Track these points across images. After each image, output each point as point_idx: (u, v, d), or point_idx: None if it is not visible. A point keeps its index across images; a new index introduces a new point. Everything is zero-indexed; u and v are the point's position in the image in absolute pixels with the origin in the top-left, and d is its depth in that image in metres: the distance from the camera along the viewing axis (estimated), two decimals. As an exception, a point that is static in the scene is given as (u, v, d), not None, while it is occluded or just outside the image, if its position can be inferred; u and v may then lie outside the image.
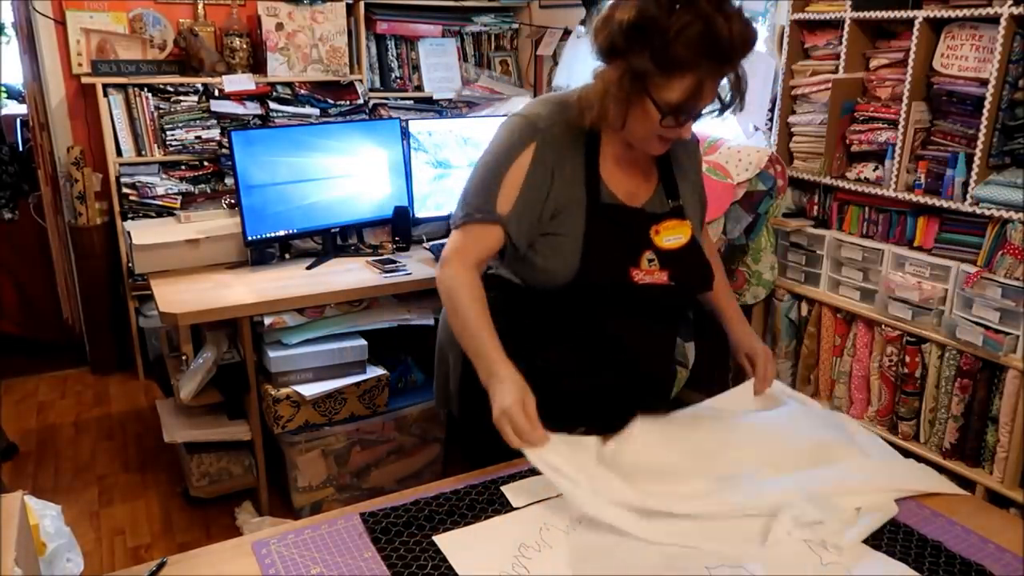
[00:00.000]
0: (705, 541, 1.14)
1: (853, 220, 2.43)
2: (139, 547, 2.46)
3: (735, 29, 1.18)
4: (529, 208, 1.35)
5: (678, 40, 1.16)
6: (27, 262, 3.87)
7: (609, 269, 1.36)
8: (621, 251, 1.37)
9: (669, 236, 1.40)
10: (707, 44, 1.17)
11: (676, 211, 1.43)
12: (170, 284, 2.49)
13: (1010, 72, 1.97)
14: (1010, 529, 1.19)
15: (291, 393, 2.40)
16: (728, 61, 1.21)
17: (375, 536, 1.14)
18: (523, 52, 4.13)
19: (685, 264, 1.41)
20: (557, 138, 1.35)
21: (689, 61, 1.18)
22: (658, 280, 1.38)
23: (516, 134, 1.36)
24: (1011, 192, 1.97)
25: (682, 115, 1.25)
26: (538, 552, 1.12)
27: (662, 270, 1.38)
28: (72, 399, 3.45)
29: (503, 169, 1.34)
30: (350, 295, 2.49)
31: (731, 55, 1.20)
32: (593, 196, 1.37)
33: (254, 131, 2.98)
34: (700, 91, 1.22)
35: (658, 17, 1.17)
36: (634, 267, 1.37)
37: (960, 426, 2.14)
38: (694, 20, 1.16)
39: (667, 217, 1.41)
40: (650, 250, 1.38)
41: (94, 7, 3.40)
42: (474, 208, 1.36)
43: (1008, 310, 2.00)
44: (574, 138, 1.36)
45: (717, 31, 1.16)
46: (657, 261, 1.38)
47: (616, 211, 1.38)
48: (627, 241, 1.38)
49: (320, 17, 3.62)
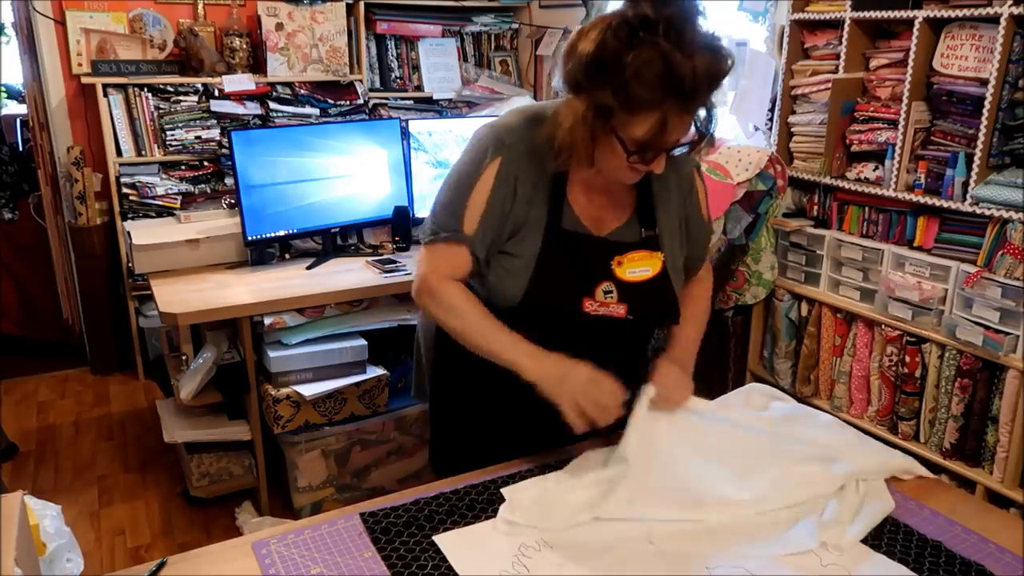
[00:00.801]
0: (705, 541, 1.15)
1: (853, 220, 2.43)
2: (139, 547, 2.46)
3: (698, 65, 1.11)
4: (492, 226, 1.31)
5: (637, 79, 1.11)
6: (27, 262, 3.88)
7: (558, 296, 1.31)
8: (574, 280, 1.32)
9: (634, 268, 1.33)
10: (667, 83, 1.11)
11: (648, 241, 1.35)
12: (170, 284, 2.49)
13: (1010, 72, 1.97)
14: (1010, 529, 1.19)
15: (291, 393, 2.40)
16: (691, 98, 1.15)
17: (375, 536, 1.14)
18: (523, 52, 4.14)
19: (648, 298, 1.34)
20: (523, 155, 1.30)
21: (650, 100, 1.12)
22: (614, 312, 1.32)
23: (482, 147, 1.32)
24: (1011, 192, 1.97)
25: (648, 152, 1.19)
26: (538, 552, 1.12)
27: (620, 302, 1.32)
28: (72, 399, 3.45)
29: (468, 186, 1.31)
30: (350, 295, 2.49)
31: (694, 93, 1.13)
32: (554, 219, 1.31)
33: (254, 131, 2.98)
34: (665, 128, 1.15)
35: (618, 53, 1.11)
36: (588, 297, 1.31)
37: (960, 426, 2.14)
38: (652, 59, 1.10)
39: (635, 248, 1.34)
40: (608, 281, 1.32)
41: (94, 7, 3.40)
42: (440, 226, 1.33)
43: (1008, 310, 2.00)
44: (541, 156, 1.29)
45: (677, 69, 1.10)
46: (615, 293, 1.32)
47: (575, 238, 1.32)
48: (583, 270, 1.32)
49: (320, 17, 3.62)
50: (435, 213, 1.36)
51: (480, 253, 1.32)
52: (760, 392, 1.48)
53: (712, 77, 1.15)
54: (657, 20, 1.10)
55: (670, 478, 1.24)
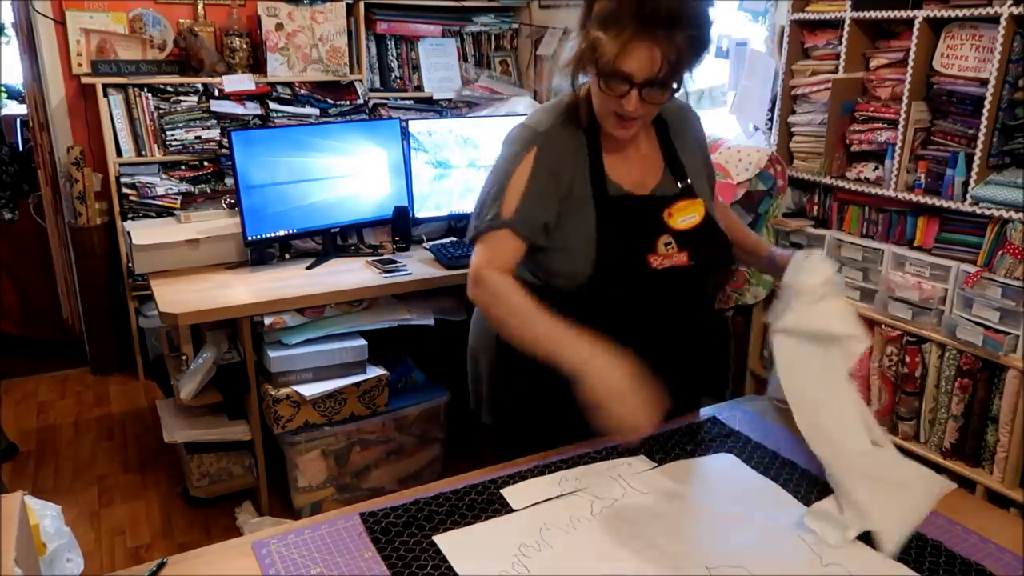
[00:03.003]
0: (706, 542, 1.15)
1: (853, 220, 2.43)
2: (139, 547, 2.46)
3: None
4: (537, 208, 1.36)
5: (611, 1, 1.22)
6: (27, 262, 3.88)
7: (625, 260, 1.36)
8: (635, 240, 1.37)
9: (683, 217, 1.40)
10: (633, 5, 1.20)
11: (686, 191, 1.44)
12: (170, 284, 2.49)
13: (1010, 72, 1.97)
14: (1010, 529, 1.19)
15: (291, 393, 2.40)
16: (652, 24, 1.20)
17: (375, 536, 1.14)
18: (523, 52, 4.13)
19: (704, 242, 1.41)
20: (557, 140, 1.37)
21: (617, 20, 1.21)
22: (678, 262, 1.38)
23: (518, 142, 1.39)
24: (1011, 192, 1.97)
25: (614, 80, 1.25)
26: (538, 552, 1.12)
27: (680, 251, 1.38)
28: (72, 399, 3.45)
29: (507, 177, 1.37)
30: (350, 295, 2.49)
31: (654, 18, 1.20)
32: (600, 191, 1.38)
33: (254, 131, 2.98)
34: (626, 51, 1.22)
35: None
36: (651, 253, 1.37)
37: (960, 426, 2.14)
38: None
39: (678, 199, 1.42)
40: (666, 234, 1.38)
41: (94, 7, 3.40)
42: (482, 219, 1.38)
43: (1008, 310, 2.00)
44: (574, 137, 1.39)
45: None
46: (675, 244, 1.38)
47: (625, 202, 1.40)
48: (640, 229, 1.38)
49: (320, 17, 3.62)
50: (476, 213, 1.40)
51: (526, 233, 1.35)
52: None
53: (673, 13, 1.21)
54: None
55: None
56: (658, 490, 1.27)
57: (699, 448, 1.41)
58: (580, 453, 1.36)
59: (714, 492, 1.27)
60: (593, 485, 1.28)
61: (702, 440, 1.44)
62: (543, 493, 1.25)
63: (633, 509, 1.22)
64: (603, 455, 1.36)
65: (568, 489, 1.26)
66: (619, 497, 1.25)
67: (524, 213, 1.35)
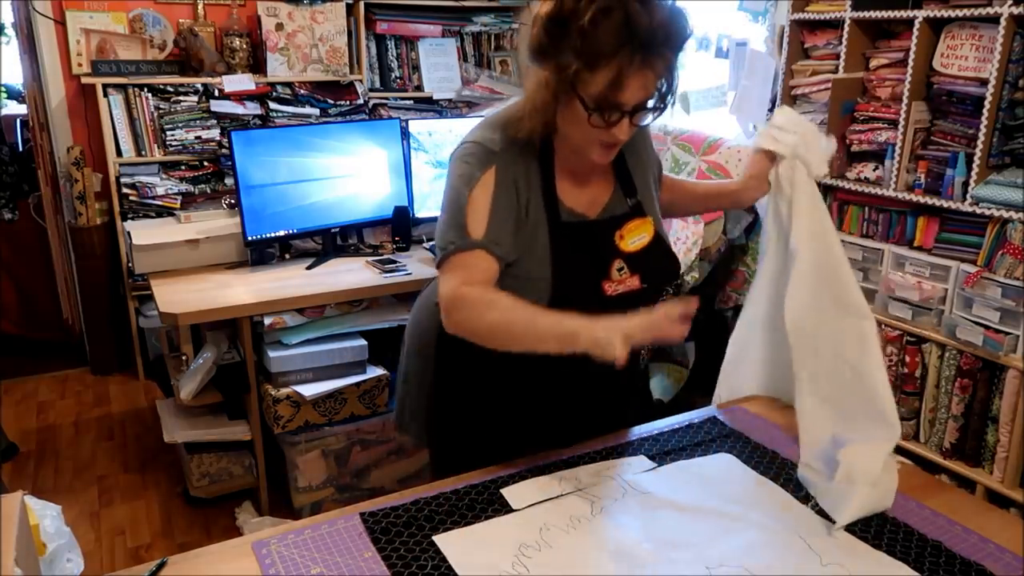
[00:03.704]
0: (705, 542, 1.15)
1: (853, 220, 2.43)
2: (139, 547, 2.46)
3: (656, 18, 1.13)
4: (507, 228, 1.29)
5: (595, 28, 1.13)
6: (27, 262, 3.88)
7: (580, 288, 1.32)
8: (589, 267, 1.33)
9: (633, 238, 1.37)
10: (624, 31, 1.12)
11: (636, 209, 1.40)
12: (170, 284, 2.49)
13: (1010, 72, 1.97)
14: (1010, 529, 1.19)
15: (291, 393, 2.40)
16: (648, 50, 1.14)
17: (375, 536, 1.14)
18: (523, 52, 4.13)
19: (653, 263, 1.39)
20: (512, 160, 1.30)
21: (607, 50, 1.13)
22: (631, 287, 1.36)
23: (473, 161, 1.30)
24: (1011, 192, 1.97)
25: (608, 111, 1.19)
26: (538, 552, 1.12)
27: (632, 275, 1.36)
28: (72, 399, 3.45)
29: (464, 198, 1.28)
30: (350, 295, 2.49)
31: (650, 44, 1.14)
32: (553, 216, 1.32)
33: (254, 131, 2.98)
34: (621, 82, 1.15)
35: (576, 8, 1.14)
36: (606, 279, 1.34)
37: (960, 426, 2.14)
38: (611, 7, 1.12)
39: (628, 218, 1.38)
40: (619, 259, 1.35)
41: (94, 7, 3.40)
42: (448, 242, 1.28)
43: (1008, 310, 2.00)
44: (527, 158, 1.32)
45: (634, 18, 1.12)
46: (627, 268, 1.35)
47: (577, 228, 1.34)
48: (594, 255, 1.34)
49: (320, 17, 3.62)
50: (439, 238, 1.32)
51: (501, 252, 1.28)
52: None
53: (670, 31, 1.16)
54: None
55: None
56: (658, 490, 1.27)
57: (698, 448, 1.41)
58: (580, 453, 1.36)
59: (713, 492, 1.27)
60: (593, 485, 1.28)
61: (702, 440, 1.44)
62: (543, 493, 1.25)
63: (633, 509, 1.22)
64: (603, 455, 1.36)
65: (568, 489, 1.26)
66: (619, 497, 1.25)
67: (495, 233, 1.27)
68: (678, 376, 2.62)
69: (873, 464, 1.26)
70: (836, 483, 1.23)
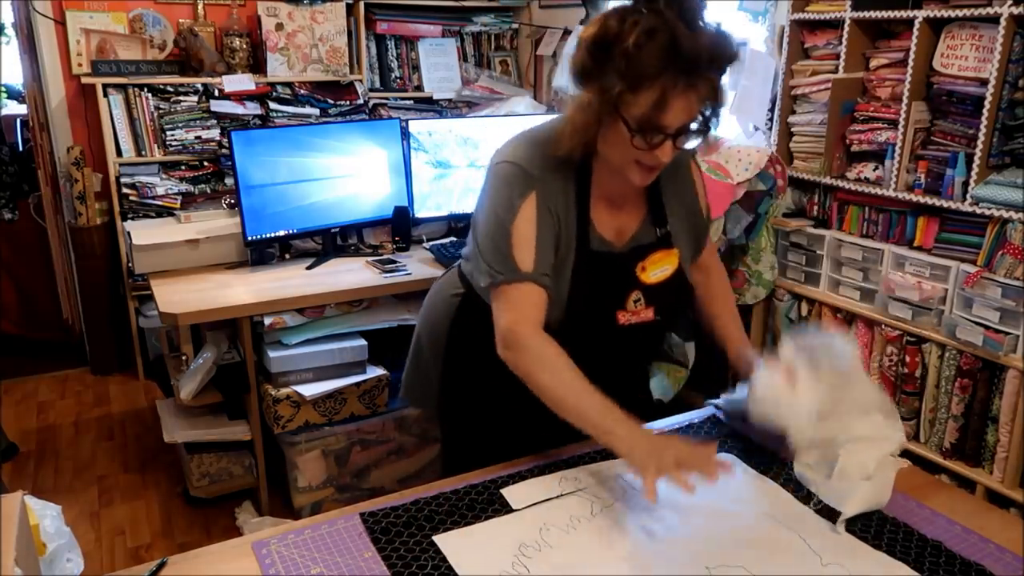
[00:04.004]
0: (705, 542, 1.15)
1: (853, 220, 2.43)
2: (139, 547, 2.46)
3: (701, 40, 1.13)
4: (547, 257, 1.30)
5: (639, 50, 1.12)
6: (27, 262, 3.88)
7: (595, 316, 1.34)
8: (607, 296, 1.34)
9: (655, 270, 1.36)
10: (669, 53, 1.12)
11: (664, 240, 1.39)
12: (170, 284, 2.49)
13: (1010, 72, 1.97)
14: (1010, 529, 1.19)
15: (291, 393, 2.40)
16: (693, 72, 1.14)
17: (375, 536, 1.14)
18: (523, 52, 4.13)
19: (670, 296, 1.39)
20: (552, 184, 1.31)
21: (651, 72, 1.13)
22: (644, 318, 1.36)
23: (513, 184, 1.30)
24: (1011, 192, 1.97)
25: (651, 133, 1.18)
26: (538, 551, 1.12)
27: (648, 307, 1.36)
28: (72, 399, 3.45)
29: (508, 224, 1.29)
30: (350, 295, 2.49)
31: (695, 65, 1.13)
32: (583, 243, 1.33)
33: (254, 131, 2.98)
34: (665, 104, 1.15)
35: (620, 31, 1.14)
36: (620, 310, 1.35)
37: (960, 426, 2.14)
38: (655, 29, 1.12)
39: (654, 249, 1.37)
40: (636, 290, 1.35)
41: (94, 7, 3.40)
42: (497, 270, 1.30)
43: (1008, 310, 2.00)
44: (565, 180, 1.32)
45: (680, 40, 1.11)
46: (643, 300, 1.36)
47: (603, 258, 1.34)
48: (613, 285, 1.34)
49: (320, 17, 3.62)
50: (486, 261, 1.32)
51: (549, 283, 1.30)
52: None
53: (715, 54, 1.15)
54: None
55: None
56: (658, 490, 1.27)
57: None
58: (580, 453, 1.36)
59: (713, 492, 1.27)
60: (593, 485, 1.28)
61: (701, 440, 1.44)
62: (543, 493, 1.25)
63: (633, 509, 1.22)
64: (603, 455, 1.36)
65: (568, 489, 1.26)
66: (619, 497, 1.25)
67: (542, 264, 1.29)
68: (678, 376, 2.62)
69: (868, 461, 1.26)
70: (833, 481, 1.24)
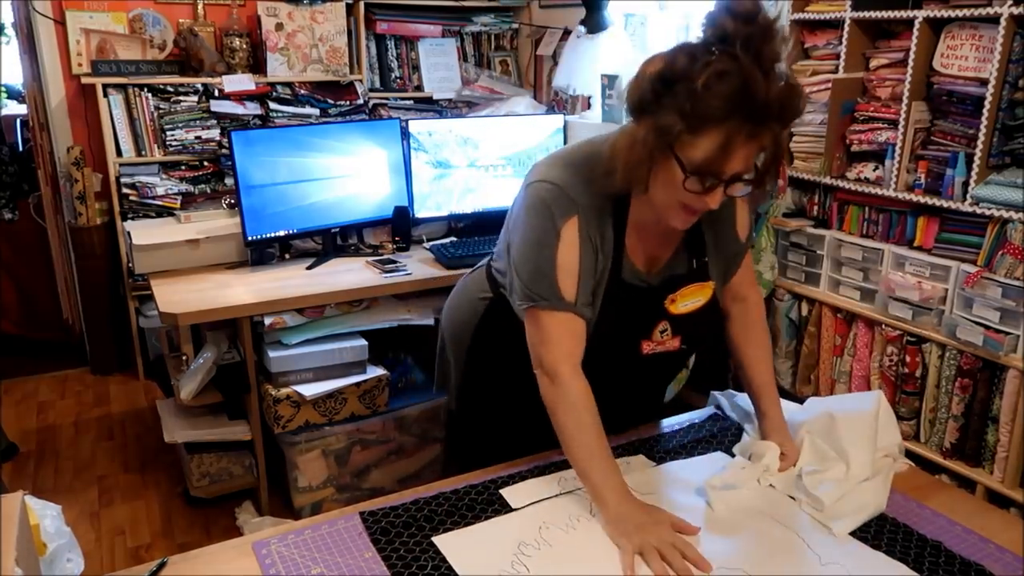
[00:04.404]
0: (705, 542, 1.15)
1: (853, 220, 2.43)
2: (139, 547, 2.46)
3: (773, 89, 1.07)
4: (588, 286, 1.28)
5: (708, 91, 1.06)
6: (27, 262, 3.88)
7: (619, 344, 1.33)
8: (633, 327, 1.33)
9: (686, 302, 1.33)
10: (739, 98, 1.06)
11: (698, 272, 1.35)
12: (170, 284, 2.49)
13: (1010, 72, 1.97)
14: (1010, 529, 1.19)
15: (291, 393, 2.40)
16: (762, 121, 1.08)
17: (375, 536, 1.14)
18: (523, 52, 4.14)
19: (698, 326, 1.36)
20: (593, 211, 1.26)
21: (717, 115, 1.07)
22: (669, 347, 1.35)
23: (555, 207, 1.25)
24: (1011, 192, 1.97)
25: (707, 177, 1.12)
26: (537, 550, 1.12)
27: (674, 337, 1.34)
28: (72, 399, 3.45)
29: (551, 249, 1.25)
30: (350, 295, 2.49)
31: (765, 114, 1.08)
32: (616, 272, 1.30)
33: (254, 131, 2.98)
34: (728, 150, 1.09)
35: (689, 69, 1.08)
36: (646, 339, 1.33)
37: (960, 426, 2.14)
38: (728, 72, 1.06)
39: (687, 281, 1.33)
40: (664, 320, 1.33)
41: (94, 7, 3.40)
42: (537, 293, 1.27)
43: (1008, 310, 2.00)
44: (605, 212, 1.28)
45: (752, 86, 1.05)
46: (670, 330, 1.34)
47: (634, 290, 1.31)
48: (641, 316, 1.32)
49: (320, 17, 3.62)
50: (523, 281, 1.29)
51: (589, 315, 1.28)
52: None
53: (784, 105, 1.09)
54: (736, 35, 1.06)
55: None
56: (658, 490, 1.27)
57: (699, 448, 1.41)
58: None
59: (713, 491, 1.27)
60: None
61: (702, 440, 1.44)
62: (542, 493, 1.25)
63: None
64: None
65: (567, 489, 1.26)
66: (619, 497, 1.24)
67: (584, 294, 1.27)
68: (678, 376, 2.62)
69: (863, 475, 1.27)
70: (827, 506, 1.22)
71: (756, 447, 1.34)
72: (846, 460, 1.28)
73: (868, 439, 1.30)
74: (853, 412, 1.34)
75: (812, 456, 1.32)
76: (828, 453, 1.31)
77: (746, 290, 1.47)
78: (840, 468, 1.27)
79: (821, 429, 1.34)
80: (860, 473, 1.27)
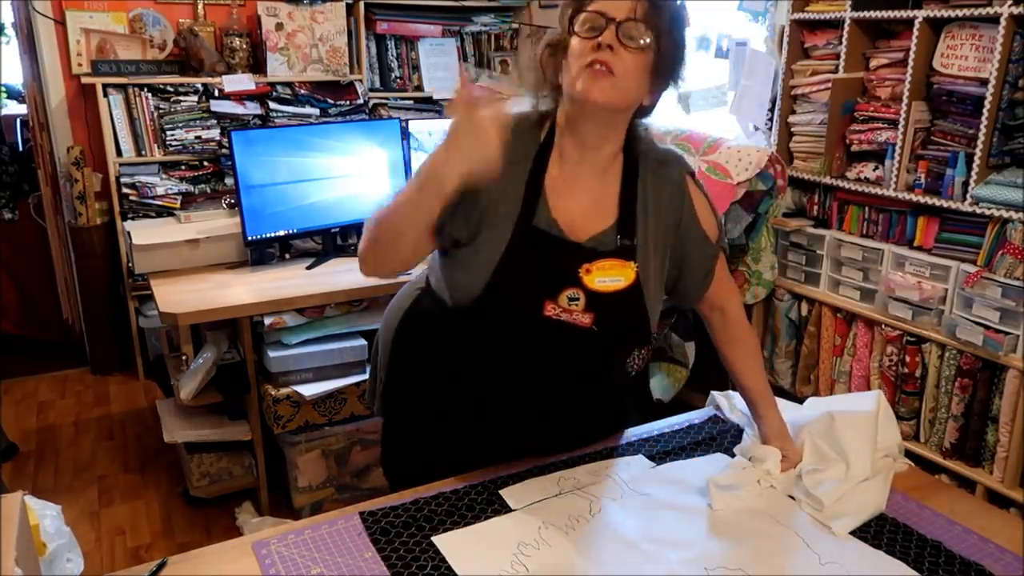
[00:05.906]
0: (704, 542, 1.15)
1: (853, 220, 2.43)
2: (139, 547, 2.46)
3: None
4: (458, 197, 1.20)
5: None
6: (27, 262, 3.87)
7: (518, 296, 1.24)
8: (537, 281, 1.24)
9: (603, 277, 1.24)
10: None
11: (622, 251, 1.26)
12: (170, 284, 2.49)
13: (1010, 72, 1.97)
14: (1010, 529, 1.19)
15: (291, 393, 2.40)
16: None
17: (375, 536, 1.14)
18: (523, 52, 4.13)
19: (617, 312, 1.26)
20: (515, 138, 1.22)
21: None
22: (577, 320, 1.24)
23: None
24: (1011, 192, 1.97)
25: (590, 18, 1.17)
26: (537, 550, 1.12)
27: (586, 312, 1.24)
28: (72, 399, 3.45)
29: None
30: (350, 295, 2.49)
31: None
32: (526, 216, 1.24)
33: (254, 131, 2.98)
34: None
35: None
36: (550, 300, 1.23)
37: (960, 426, 2.14)
38: None
39: (607, 256, 1.25)
40: (575, 288, 1.23)
41: (94, 7, 3.40)
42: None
43: (1008, 310, 2.00)
44: (525, 145, 1.26)
45: None
46: (581, 301, 1.23)
47: (546, 239, 1.25)
48: (548, 272, 1.24)
49: (320, 17, 3.62)
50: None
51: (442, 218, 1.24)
52: None
53: None
54: None
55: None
56: (657, 490, 1.27)
57: (698, 448, 1.41)
58: (580, 454, 1.36)
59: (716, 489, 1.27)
60: (592, 485, 1.28)
61: (701, 440, 1.44)
62: (542, 493, 1.25)
63: (632, 509, 1.22)
64: (602, 455, 1.36)
65: (567, 489, 1.26)
66: (618, 497, 1.25)
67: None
68: (678, 376, 2.62)
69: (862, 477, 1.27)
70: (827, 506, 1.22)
71: (757, 451, 1.34)
72: (846, 460, 1.28)
73: (868, 439, 1.30)
74: (853, 412, 1.34)
75: (812, 456, 1.32)
76: (828, 453, 1.31)
77: (724, 299, 1.43)
78: (840, 468, 1.28)
79: (821, 429, 1.34)
80: (860, 473, 1.27)
